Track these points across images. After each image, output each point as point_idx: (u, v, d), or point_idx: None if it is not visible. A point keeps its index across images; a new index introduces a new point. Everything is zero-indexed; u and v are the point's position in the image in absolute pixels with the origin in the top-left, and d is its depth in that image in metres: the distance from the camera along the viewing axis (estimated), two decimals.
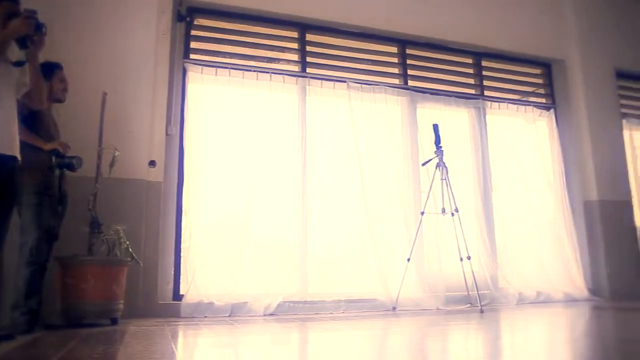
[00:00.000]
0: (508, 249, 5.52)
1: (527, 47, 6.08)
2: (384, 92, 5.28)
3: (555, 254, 5.60)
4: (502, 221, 5.55)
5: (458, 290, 4.87)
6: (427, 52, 5.73)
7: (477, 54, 5.96)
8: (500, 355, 2.15)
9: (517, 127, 5.94)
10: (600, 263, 5.73)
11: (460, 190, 5.05)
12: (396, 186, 5.08)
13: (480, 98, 5.80)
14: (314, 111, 5.05)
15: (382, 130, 5.19)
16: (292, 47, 5.21)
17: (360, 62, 5.40)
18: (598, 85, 6.23)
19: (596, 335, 2.80)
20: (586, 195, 5.89)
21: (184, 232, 4.45)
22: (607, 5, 6.62)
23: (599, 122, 6.08)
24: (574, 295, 5.42)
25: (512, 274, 5.37)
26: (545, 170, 5.87)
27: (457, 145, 5.47)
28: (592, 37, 6.32)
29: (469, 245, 4.59)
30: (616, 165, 6.09)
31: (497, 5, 5.97)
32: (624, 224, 5.96)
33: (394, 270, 4.77)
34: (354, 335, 3.03)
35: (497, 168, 5.68)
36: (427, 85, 5.61)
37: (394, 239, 4.96)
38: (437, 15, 5.62)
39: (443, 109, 5.52)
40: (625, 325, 3.20)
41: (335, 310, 4.49)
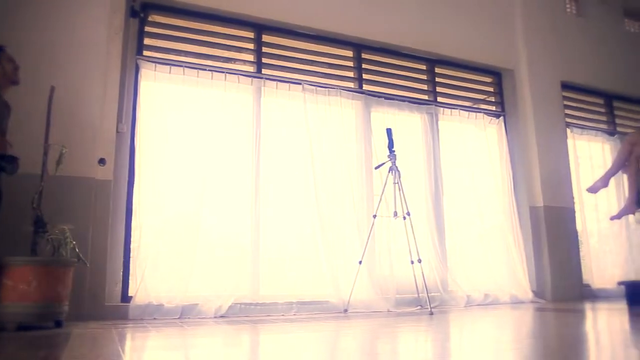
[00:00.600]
0: (457, 252, 5.65)
1: (479, 56, 6.25)
2: (338, 96, 5.31)
3: (502, 258, 5.77)
4: (452, 225, 5.68)
5: (409, 292, 4.94)
6: (382, 57, 5.80)
7: (431, 60, 6.08)
8: (449, 356, 2.20)
9: (468, 133, 6.08)
10: (544, 266, 5.94)
11: (412, 194, 5.14)
12: (349, 189, 5.12)
13: (433, 104, 5.92)
14: (268, 112, 5.04)
15: (336, 133, 5.22)
16: (248, 47, 5.18)
17: (316, 65, 5.42)
18: (545, 95, 6.46)
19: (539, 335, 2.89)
20: (532, 201, 6.10)
21: (133, 232, 4.35)
22: (554, 21, 6.89)
23: (545, 131, 6.30)
24: (520, 297, 5.59)
25: (461, 276, 5.49)
26: (494, 176, 6.04)
27: (409, 150, 5.57)
28: (539, 50, 6.55)
29: (419, 248, 4.67)
30: (560, 172, 6.33)
31: (451, 14, 6.11)
32: (567, 229, 6.20)
33: (346, 272, 4.80)
34: (306, 337, 3.03)
35: (448, 173, 5.80)
36: (382, 89, 5.69)
37: (346, 241, 4.99)
38: (392, 21, 5.70)
39: (397, 114, 5.61)
40: (566, 326, 3.32)
41: (287, 312, 4.49)
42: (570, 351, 2.23)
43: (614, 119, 7.47)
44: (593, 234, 6.64)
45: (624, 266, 6.54)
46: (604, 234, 6.65)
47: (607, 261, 6.59)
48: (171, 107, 4.68)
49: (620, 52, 7.54)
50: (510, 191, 6.03)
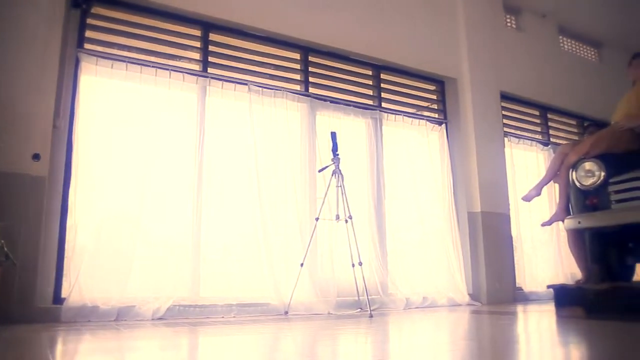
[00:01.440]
0: (398, 255, 5.74)
1: (423, 64, 6.39)
2: (284, 98, 5.31)
3: (441, 261, 5.91)
4: (393, 229, 5.77)
5: (349, 295, 4.99)
6: (329, 61, 5.84)
7: (376, 66, 6.17)
8: (388, 358, 2.23)
9: (411, 139, 6.20)
10: (480, 270, 6.13)
11: (354, 198, 5.19)
12: (293, 191, 5.12)
13: (378, 109, 6.01)
14: (213, 112, 4.97)
15: (281, 135, 5.21)
16: (194, 45, 5.10)
17: (263, 66, 5.40)
18: (485, 104, 6.68)
19: (474, 337, 2.98)
20: (470, 206, 6.29)
21: (68, 232, 4.19)
22: (495, 34, 7.15)
23: (484, 139, 6.51)
24: (457, 300, 5.75)
25: (400, 279, 5.59)
26: (435, 182, 6.18)
27: (353, 154, 5.62)
28: (481, 61, 6.77)
29: (361, 251, 4.71)
30: (498, 179, 6.56)
31: (398, 22, 6.22)
32: (502, 234, 6.42)
33: (287, 274, 4.80)
34: (245, 339, 3.01)
35: (390, 178, 5.90)
36: (328, 93, 5.72)
37: (288, 243, 4.99)
38: (340, 25, 5.75)
39: (342, 118, 5.66)
40: (499, 328, 3.44)
41: (226, 315, 4.44)
42: (503, 351, 2.32)
43: (548, 130, 7.82)
44: (526, 240, 6.91)
45: (553, 270, 6.85)
46: (536, 239, 6.94)
47: (539, 265, 6.88)
48: (112, 103, 4.54)
49: (554, 67, 7.90)
50: (450, 197, 6.19)
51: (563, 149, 4.91)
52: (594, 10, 7.83)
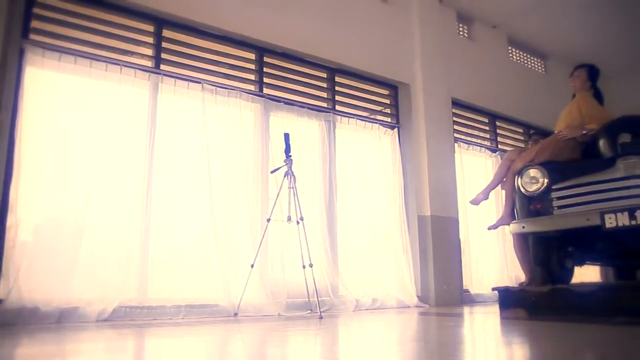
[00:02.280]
0: (349, 257, 5.78)
1: (378, 69, 6.47)
2: (238, 97, 5.27)
3: (391, 264, 5.99)
4: (344, 231, 5.82)
5: (300, 296, 4.99)
6: (284, 62, 5.84)
7: (331, 69, 6.20)
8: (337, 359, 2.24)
9: (364, 142, 6.27)
10: (429, 272, 6.24)
11: (306, 200, 5.20)
12: (244, 192, 5.09)
13: (332, 112, 6.04)
14: (165, 110, 4.89)
15: (234, 135, 5.17)
16: (147, 41, 5.00)
17: (217, 65, 5.35)
18: (437, 110, 6.81)
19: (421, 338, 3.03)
20: (420, 210, 6.40)
21: (8, 231, 3.99)
22: (448, 42, 7.32)
23: (435, 144, 6.64)
24: (406, 302, 5.83)
25: (351, 281, 5.63)
26: (387, 186, 6.26)
27: (306, 156, 5.64)
28: (434, 67, 6.91)
29: (312, 253, 4.72)
30: (447, 184, 6.70)
31: (353, 26, 6.28)
32: (451, 238, 6.57)
33: (237, 275, 4.76)
34: (193, 341, 2.96)
35: (343, 180, 5.94)
36: (282, 94, 5.72)
37: (239, 244, 4.95)
38: (296, 27, 5.76)
39: (295, 119, 5.67)
40: (445, 329, 3.50)
41: (175, 316, 4.36)
42: (449, 352, 2.36)
43: (496, 137, 8.05)
44: (474, 243, 7.08)
45: (499, 273, 7.05)
46: (483, 243, 7.13)
47: (485, 268, 7.07)
48: (59, 98, 4.38)
49: (504, 76, 8.15)
50: (400, 200, 6.28)
51: (510, 155, 5.07)
52: (541, 23, 8.12)
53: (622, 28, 8.15)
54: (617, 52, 8.70)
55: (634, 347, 2.30)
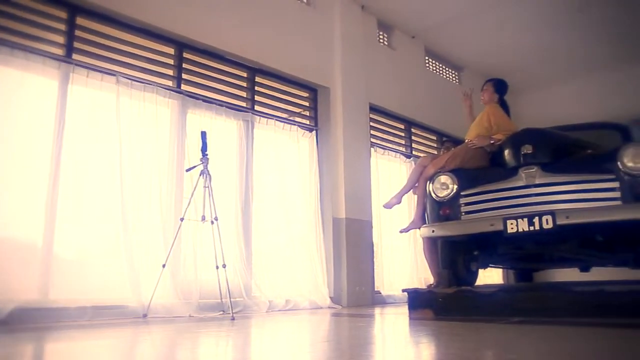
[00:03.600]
0: (263, 258, 5.77)
1: (298, 71, 6.50)
2: (155, 93, 5.11)
3: (305, 265, 6.03)
4: (259, 232, 5.79)
5: (212, 297, 4.91)
6: (204, 59, 5.73)
7: (252, 69, 6.16)
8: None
9: (282, 144, 6.28)
10: (342, 274, 6.34)
11: (222, 200, 5.13)
12: (158, 190, 4.94)
13: (250, 112, 6.00)
14: (75, 102, 4.63)
15: (149, 131, 5.01)
16: (58, 27, 4.72)
17: (134, 58, 5.16)
18: (354, 115, 6.94)
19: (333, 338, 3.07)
20: (336, 212, 6.49)
21: None
22: (368, 49, 7.48)
23: (352, 148, 6.76)
24: (319, 303, 5.89)
25: (264, 282, 5.61)
26: (303, 187, 6.30)
27: (223, 155, 5.57)
28: (353, 73, 7.04)
29: (225, 253, 4.66)
30: (363, 187, 6.85)
31: (276, 27, 6.27)
32: (364, 240, 6.71)
33: (148, 276, 4.61)
34: (98, 345, 2.84)
35: (259, 181, 5.91)
36: (201, 91, 5.61)
37: (151, 243, 4.80)
38: (218, 24, 5.67)
39: (213, 118, 5.57)
40: (356, 329, 3.57)
41: (79, 318, 4.14)
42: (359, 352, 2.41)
43: (411, 143, 8.32)
44: (386, 246, 7.27)
45: (409, 275, 7.28)
46: (395, 246, 7.34)
47: (396, 270, 7.28)
48: None
49: (420, 85, 8.44)
50: (316, 202, 6.34)
51: (422, 161, 5.26)
52: (456, 37, 8.50)
53: (530, 47, 8.69)
54: (525, 68, 9.27)
55: (528, 344, 2.45)
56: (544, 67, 9.45)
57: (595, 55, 8.97)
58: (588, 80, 9.55)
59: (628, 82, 9.13)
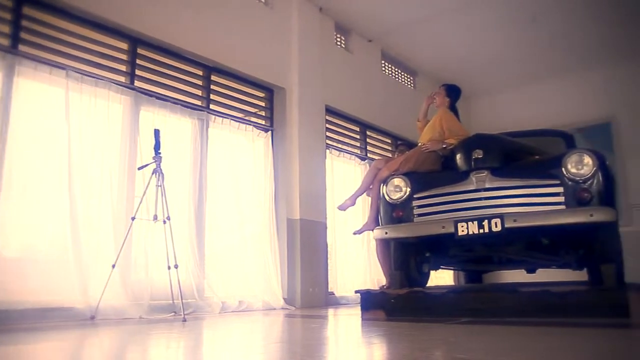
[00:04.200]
0: (216, 259, 5.71)
1: (255, 71, 6.46)
2: (107, 89, 4.98)
3: (258, 266, 6.00)
4: (213, 232, 5.73)
5: (164, 298, 4.83)
6: (159, 56, 5.63)
7: (208, 67, 6.09)
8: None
9: (237, 143, 6.23)
10: (296, 275, 6.34)
11: (175, 199, 5.06)
12: (109, 188, 4.82)
13: (206, 110, 5.93)
14: (21, 95, 4.44)
15: (100, 128, 4.88)
16: (3, 17, 4.50)
17: (86, 52, 5.01)
18: (310, 116, 6.96)
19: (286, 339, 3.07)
20: (290, 213, 6.49)
21: None
22: (325, 51, 7.52)
23: (307, 149, 6.78)
24: (272, 304, 5.87)
25: (217, 283, 5.56)
26: (258, 188, 6.27)
27: (177, 154, 5.48)
28: (310, 74, 7.06)
29: (178, 253, 4.59)
30: (317, 189, 6.87)
31: (233, 26, 6.22)
32: (318, 241, 6.73)
33: (97, 276, 4.48)
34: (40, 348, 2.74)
35: (213, 180, 5.85)
36: (155, 89, 5.50)
37: (100, 243, 4.67)
38: (173, 20, 5.58)
39: (168, 116, 5.47)
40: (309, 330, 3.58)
41: (22, 321, 3.97)
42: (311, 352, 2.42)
43: (366, 145, 8.40)
44: (340, 247, 7.31)
45: (363, 276, 7.35)
46: (349, 247, 7.39)
47: (350, 271, 7.33)
48: None
49: (376, 89, 8.53)
50: (271, 203, 6.32)
51: (377, 164, 5.33)
52: (412, 42, 8.63)
53: (483, 54, 8.92)
54: (477, 75, 9.51)
55: (477, 343, 2.52)
56: (496, 74, 9.72)
57: (544, 64, 9.30)
58: (537, 88, 9.89)
59: (574, 92, 9.51)
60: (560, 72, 9.53)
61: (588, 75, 9.37)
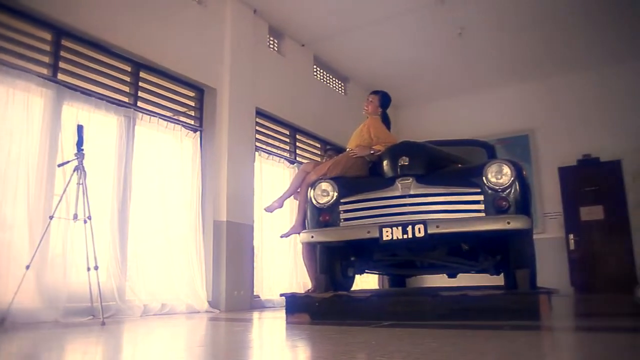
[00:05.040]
0: (139, 260, 5.55)
1: (186, 70, 6.34)
2: (28, 81, 4.74)
3: (183, 268, 5.89)
4: (137, 233, 5.56)
5: (83, 301, 4.64)
6: (85, 49, 5.41)
7: (137, 63, 5.92)
8: None
9: (165, 143, 6.09)
10: (221, 278, 6.27)
11: (97, 198, 4.89)
12: (25, 185, 4.56)
13: (133, 108, 5.76)
14: None
15: (18, 121, 4.64)
16: None
17: (5, 41, 4.74)
18: (240, 118, 6.91)
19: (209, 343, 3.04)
20: (217, 215, 6.41)
21: None
22: (258, 53, 7.48)
23: (236, 151, 6.73)
24: (196, 307, 5.78)
25: (140, 285, 5.42)
26: (185, 188, 6.16)
27: (101, 151, 5.29)
28: (241, 75, 7.01)
29: (99, 254, 4.44)
30: (245, 191, 6.83)
31: (164, 23, 6.07)
32: (245, 244, 6.69)
33: (8, 278, 4.24)
34: None
35: (139, 180, 5.69)
36: (80, 83, 5.29)
37: (14, 243, 4.43)
38: (101, 12, 5.38)
39: (92, 111, 5.28)
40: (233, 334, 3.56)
41: None
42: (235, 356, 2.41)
43: (295, 149, 8.44)
44: (267, 250, 7.30)
45: (289, 279, 7.37)
46: (276, 250, 7.39)
47: (276, 275, 7.33)
48: None
49: (308, 93, 8.60)
50: (198, 204, 6.23)
51: (305, 167, 5.37)
52: (344, 49, 8.76)
53: (412, 63, 9.19)
54: (406, 83, 9.77)
55: (398, 345, 2.59)
56: (424, 85, 10.06)
57: (469, 77, 9.72)
58: (462, 99, 10.33)
59: (496, 104, 10.01)
60: (483, 86, 9.99)
61: (509, 90, 9.90)
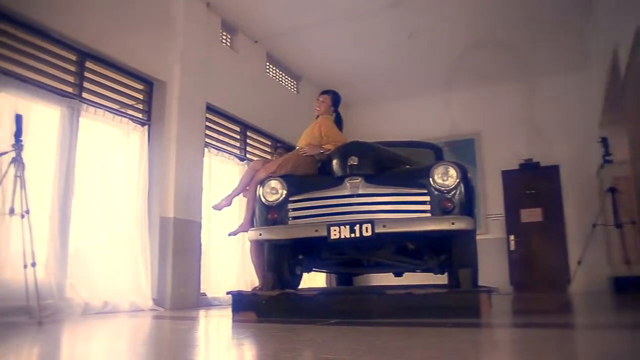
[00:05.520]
0: (81, 257, 5.37)
1: (134, 61, 6.17)
2: None
3: (127, 265, 5.74)
4: (78, 228, 5.37)
5: (17, 299, 4.44)
6: (24, 34, 5.14)
7: (83, 53, 5.70)
8: None
9: (111, 136, 5.92)
10: (167, 275, 6.14)
11: (36, 191, 4.70)
12: None
13: (77, 99, 5.55)
14: None
15: None
16: None
17: None
18: (190, 113, 6.79)
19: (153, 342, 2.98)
20: (163, 211, 6.27)
21: None
22: (210, 48, 7.39)
23: (185, 146, 6.60)
24: (140, 305, 5.64)
25: (81, 283, 5.24)
26: (130, 184, 6.00)
27: (41, 142, 5.09)
28: (193, 70, 6.88)
29: (37, 250, 4.26)
30: (194, 187, 6.72)
31: (114, 13, 5.86)
32: (192, 241, 6.58)
33: None
34: None
35: (82, 174, 5.49)
36: (18, 69, 5.03)
37: None
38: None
39: (33, 101, 5.06)
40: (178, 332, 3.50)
41: None
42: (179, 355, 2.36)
43: (246, 146, 8.37)
44: (215, 247, 7.21)
45: (237, 277, 7.30)
46: (224, 248, 7.31)
47: (224, 272, 7.25)
48: None
49: (260, 90, 8.54)
50: (143, 200, 6.08)
51: (254, 165, 5.34)
52: (296, 47, 8.78)
53: (363, 64, 9.28)
54: (357, 84, 9.86)
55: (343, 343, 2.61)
56: (375, 85, 10.16)
57: (419, 79, 9.91)
58: (413, 101, 10.51)
59: (445, 107, 10.20)
60: (432, 89, 10.19)
61: (457, 94, 10.15)
